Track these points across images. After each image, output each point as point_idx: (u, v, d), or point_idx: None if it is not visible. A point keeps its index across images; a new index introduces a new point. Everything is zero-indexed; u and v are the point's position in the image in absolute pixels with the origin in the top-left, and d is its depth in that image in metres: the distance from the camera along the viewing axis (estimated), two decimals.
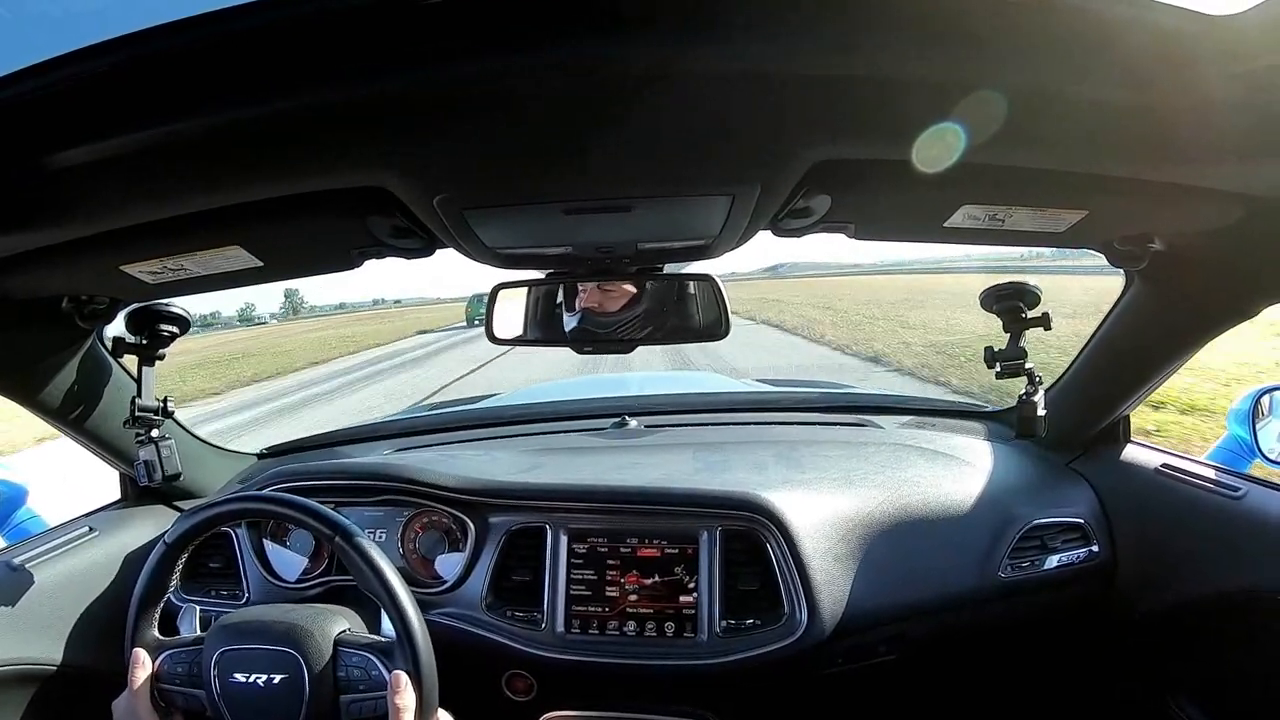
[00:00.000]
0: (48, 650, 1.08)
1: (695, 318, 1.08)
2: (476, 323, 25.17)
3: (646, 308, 1.09)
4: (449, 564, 1.21)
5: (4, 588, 1.06)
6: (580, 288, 1.09)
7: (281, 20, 0.45)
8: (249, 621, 0.84)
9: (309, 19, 0.45)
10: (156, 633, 0.88)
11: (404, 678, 0.78)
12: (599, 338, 1.10)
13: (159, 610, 0.89)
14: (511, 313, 1.12)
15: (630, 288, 1.08)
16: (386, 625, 0.84)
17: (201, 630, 0.89)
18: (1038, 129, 0.59)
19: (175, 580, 0.91)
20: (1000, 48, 0.50)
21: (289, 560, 1.25)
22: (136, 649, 0.85)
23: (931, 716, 1.46)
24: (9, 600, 1.05)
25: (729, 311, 1.05)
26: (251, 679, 0.80)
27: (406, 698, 0.77)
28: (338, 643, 0.83)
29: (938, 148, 0.63)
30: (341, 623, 0.86)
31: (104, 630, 1.12)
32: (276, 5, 0.45)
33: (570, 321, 1.12)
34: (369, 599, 0.85)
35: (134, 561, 1.22)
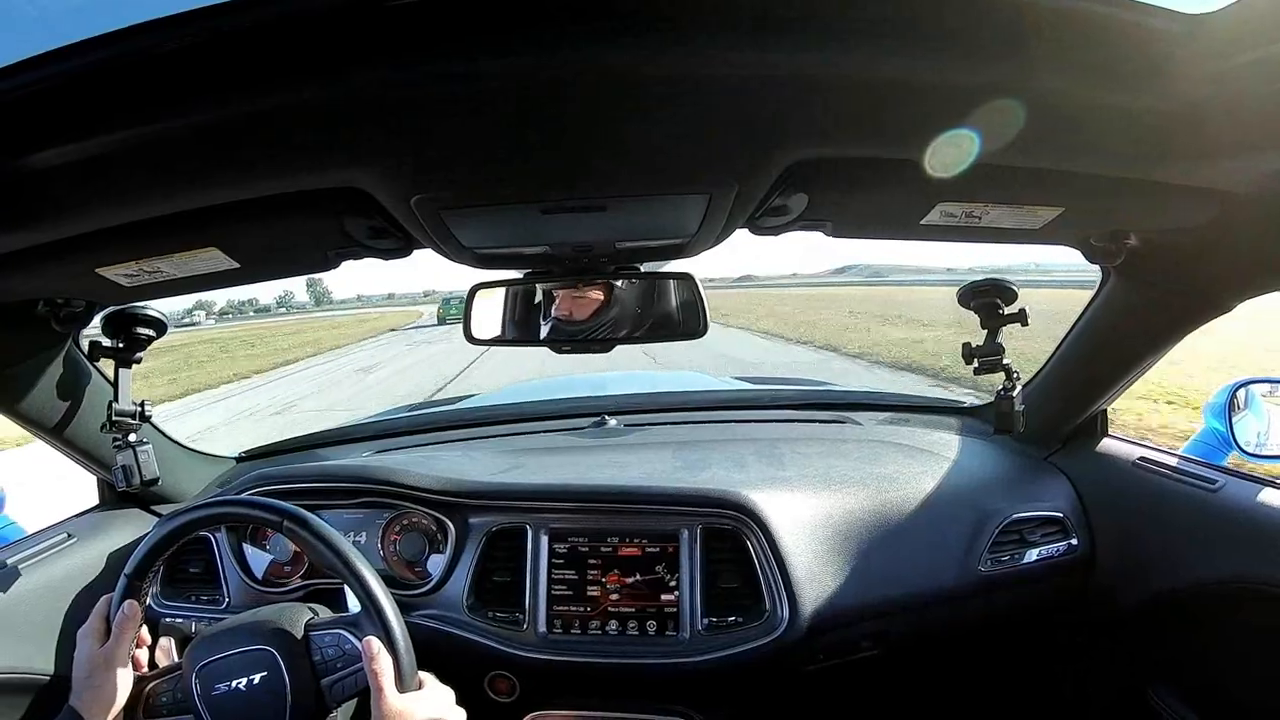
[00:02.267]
0: (27, 659, 1.06)
1: (674, 316, 1.09)
2: (449, 321, 24.89)
3: (619, 311, 1.09)
4: (430, 565, 1.20)
5: None
6: (554, 294, 1.09)
7: (257, 21, 0.45)
8: (219, 631, 0.84)
9: (285, 19, 0.45)
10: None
11: (375, 643, 0.77)
12: (577, 338, 1.10)
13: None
14: (489, 313, 1.11)
15: (601, 294, 1.08)
16: (354, 605, 0.84)
17: (179, 655, 0.88)
18: (1015, 129, 0.59)
19: (152, 590, 0.90)
20: (977, 49, 0.50)
21: (268, 563, 1.23)
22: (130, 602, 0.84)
23: (915, 711, 1.47)
24: None
25: (707, 309, 1.05)
26: (233, 685, 0.79)
27: (382, 662, 0.76)
28: (308, 627, 0.83)
29: (914, 148, 0.64)
30: (308, 612, 0.86)
31: None
32: (251, 6, 0.44)
33: (548, 322, 1.11)
34: (342, 597, 0.84)
35: (114, 565, 1.21)
